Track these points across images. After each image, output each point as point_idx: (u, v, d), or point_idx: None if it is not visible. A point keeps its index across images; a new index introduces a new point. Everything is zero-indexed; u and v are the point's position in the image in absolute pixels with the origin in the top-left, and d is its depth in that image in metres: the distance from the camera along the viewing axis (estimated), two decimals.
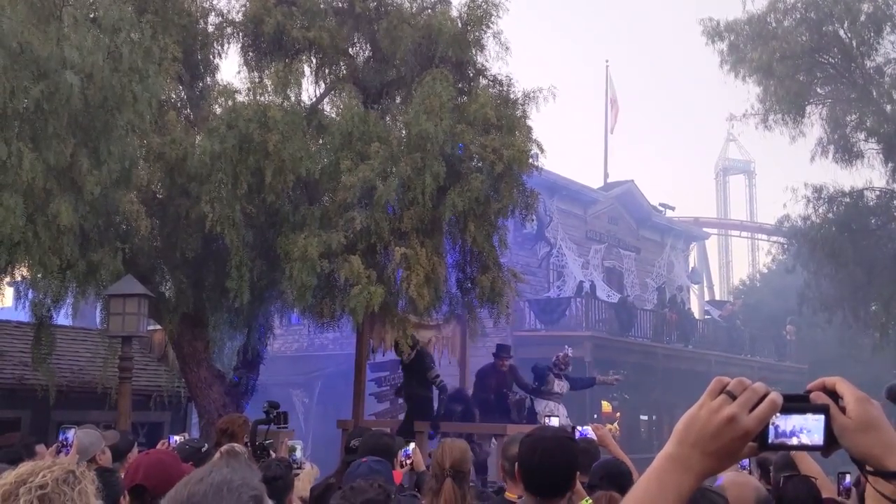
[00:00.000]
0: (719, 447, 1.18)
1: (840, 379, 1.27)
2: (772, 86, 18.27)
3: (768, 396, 1.19)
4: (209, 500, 1.58)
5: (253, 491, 1.65)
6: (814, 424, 1.22)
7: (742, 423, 1.17)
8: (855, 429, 1.21)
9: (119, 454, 6.25)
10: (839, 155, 18.07)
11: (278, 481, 3.76)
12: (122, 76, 8.64)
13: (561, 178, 23.74)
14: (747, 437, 1.18)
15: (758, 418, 1.18)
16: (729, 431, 1.17)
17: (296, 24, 11.86)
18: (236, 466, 1.77)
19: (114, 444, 6.46)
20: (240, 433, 5.84)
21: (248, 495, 1.63)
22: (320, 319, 10.59)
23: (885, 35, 17.94)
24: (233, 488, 1.62)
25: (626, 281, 26.26)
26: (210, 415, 11.37)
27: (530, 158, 11.35)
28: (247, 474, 1.73)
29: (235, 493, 1.61)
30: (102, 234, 9.55)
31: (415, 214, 10.21)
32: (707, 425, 1.19)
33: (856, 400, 1.23)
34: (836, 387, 1.25)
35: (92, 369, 12.87)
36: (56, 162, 8.37)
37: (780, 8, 18.00)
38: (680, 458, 1.20)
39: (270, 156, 9.80)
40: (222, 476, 1.64)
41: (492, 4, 11.61)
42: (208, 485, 1.61)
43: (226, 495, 1.59)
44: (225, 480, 1.63)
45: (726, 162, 47.86)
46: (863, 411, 1.22)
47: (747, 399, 1.19)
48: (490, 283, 10.84)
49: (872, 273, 17.80)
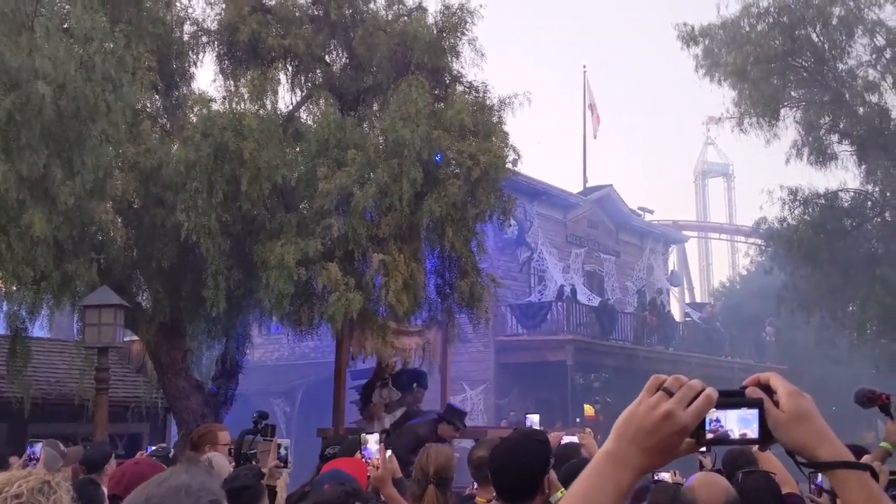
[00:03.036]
0: (656, 443, 1.20)
1: (773, 374, 1.30)
2: (746, 89, 18.47)
3: (703, 392, 1.21)
4: (167, 502, 1.58)
5: (212, 496, 1.65)
6: (748, 419, 1.24)
7: (678, 418, 1.19)
8: (787, 422, 1.24)
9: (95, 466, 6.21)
10: (813, 157, 18.29)
11: (247, 491, 3.72)
12: (94, 86, 8.59)
13: (540, 184, 23.86)
14: (684, 433, 1.20)
15: (693, 414, 1.20)
16: (666, 427, 1.19)
17: (271, 32, 11.86)
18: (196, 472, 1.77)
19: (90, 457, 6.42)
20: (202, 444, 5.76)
21: (206, 500, 1.63)
22: (298, 327, 10.56)
23: (857, 38, 18.20)
24: (191, 492, 1.62)
25: (606, 284, 26.39)
26: (188, 425, 11.28)
27: (507, 163, 11.41)
28: (206, 479, 1.73)
29: (194, 496, 1.61)
30: (77, 244, 9.48)
31: (392, 221, 10.23)
32: (644, 421, 1.20)
33: (788, 394, 1.26)
34: (770, 382, 1.28)
35: (69, 381, 12.75)
36: (29, 173, 8.30)
37: (754, 13, 18.21)
38: (618, 453, 1.21)
39: (246, 164, 9.78)
40: (181, 480, 1.64)
41: (466, 12, 11.68)
42: (167, 487, 1.61)
43: (184, 498, 1.59)
44: (184, 484, 1.63)
45: (705, 165, 48.23)
46: (795, 404, 1.25)
47: (684, 395, 1.20)
48: (469, 289, 10.87)
49: (848, 274, 18.00)
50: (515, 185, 21.72)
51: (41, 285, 9.12)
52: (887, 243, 18.20)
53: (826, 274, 18.12)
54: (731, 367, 26.17)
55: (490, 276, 11.56)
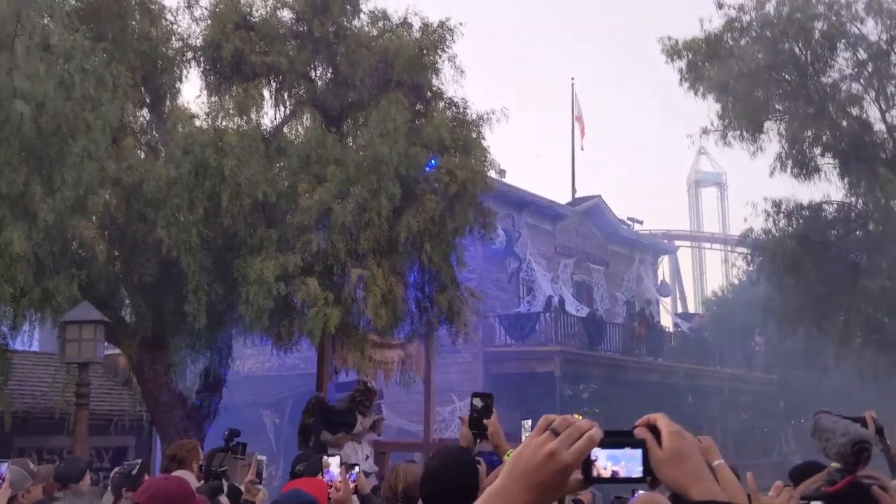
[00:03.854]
0: (541, 480, 1.25)
1: (661, 415, 1.35)
2: (730, 103, 18.62)
3: (587, 432, 1.25)
4: None
5: None
6: (632, 458, 1.29)
7: (561, 457, 1.24)
8: (666, 461, 1.29)
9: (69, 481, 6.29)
10: (797, 170, 18.42)
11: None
12: (74, 104, 8.70)
13: (529, 194, 23.99)
14: (566, 472, 1.25)
15: (576, 453, 1.24)
16: (549, 465, 1.24)
17: (254, 49, 11.99)
18: None
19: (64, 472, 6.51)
20: (188, 459, 5.85)
21: None
22: (278, 342, 10.66)
23: (839, 52, 18.37)
24: None
25: (595, 295, 26.48)
26: (172, 438, 11.35)
27: (489, 176, 11.54)
28: None
29: None
30: (58, 260, 9.57)
31: (371, 235, 10.34)
32: (530, 460, 1.25)
33: (668, 434, 1.31)
34: (657, 422, 1.33)
35: (54, 395, 12.80)
36: (8, 190, 8.42)
37: (737, 27, 18.37)
38: (505, 491, 1.26)
39: (226, 180, 9.90)
40: None
41: (446, 29, 11.83)
42: None
43: None
44: None
45: (698, 174, 48.42)
46: (673, 444, 1.30)
47: (569, 435, 1.25)
48: (448, 302, 10.97)
49: (833, 285, 18.10)
50: (504, 197, 22.02)
51: (21, 301, 9.20)
52: (870, 255, 18.33)
53: (810, 285, 18.24)
54: (719, 378, 26.30)
55: (469, 290, 11.68)
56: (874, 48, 18.07)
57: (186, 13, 12.67)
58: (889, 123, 18.40)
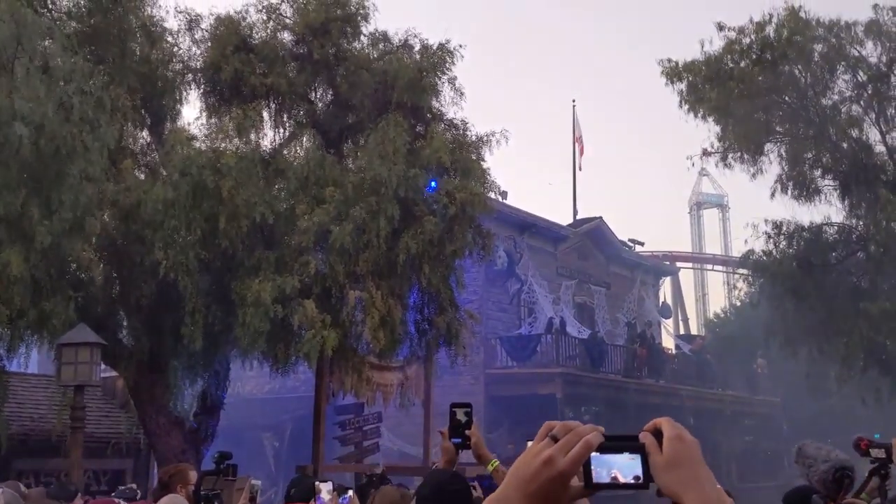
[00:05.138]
0: (538, 488, 1.20)
1: (666, 419, 1.29)
2: (730, 125, 18.63)
3: (584, 438, 1.20)
4: None
5: None
6: (631, 463, 1.24)
7: (556, 464, 1.19)
8: (663, 466, 1.23)
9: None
10: (797, 192, 18.39)
11: None
12: (72, 126, 8.72)
13: (530, 216, 23.98)
14: (564, 478, 1.20)
15: (572, 459, 1.19)
16: (545, 473, 1.19)
17: (254, 71, 12.04)
18: None
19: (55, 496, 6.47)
20: (172, 483, 5.78)
21: None
22: (275, 365, 10.59)
23: (839, 74, 18.40)
24: None
25: (597, 316, 26.38)
26: (169, 462, 11.26)
27: (489, 198, 11.52)
28: None
29: None
30: (55, 282, 9.55)
31: (370, 257, 10.31)
32: (527, 468, 1.21)
33: (668, 439, 1.25)
34: (661, 426, 1.27)
35: (52, 417, 12.75)
36: (6, 212, 8.41)
37: (737, 49, 18.39)
38: (503, 501, 1.22)
39: (224, 201, 9.89)
40: None
41: (446, 52, 11.87)
42: None
43: None
44: None
45: (700, 196, 48.35)
46: (670, 449, 1.24)
47: (567, 441, 1.20)
48: (447, 325, 10.92)
49: (833, 307, 18.00)
50: (505, 218, 22.01)
51: (18, 323, 9.17)
52: (871, 277, 18.24)
53: (811, 307, 18.14)
54: (721, 400, 26.13)
55: (468, 312, 11.63)
56: (874, 70, 18.09)
57: (187, 35, 12.76)
58: (889, 145, 18.39)
